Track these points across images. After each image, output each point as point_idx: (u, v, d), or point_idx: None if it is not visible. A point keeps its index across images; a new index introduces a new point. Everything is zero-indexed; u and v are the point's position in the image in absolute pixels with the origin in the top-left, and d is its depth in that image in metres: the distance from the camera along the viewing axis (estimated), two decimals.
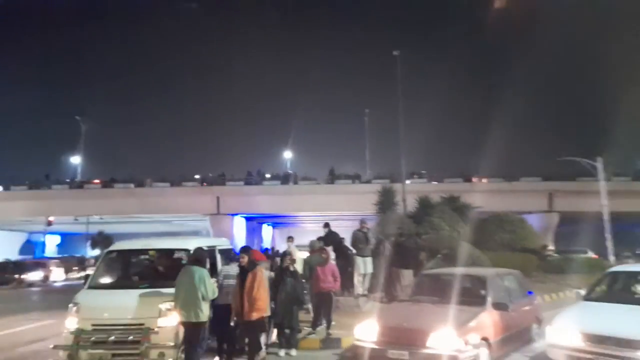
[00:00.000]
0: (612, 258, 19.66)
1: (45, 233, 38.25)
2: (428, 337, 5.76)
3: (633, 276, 7.43)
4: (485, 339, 6.10)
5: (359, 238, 10.98)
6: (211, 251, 7.68)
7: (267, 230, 49.23)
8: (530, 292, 8.38)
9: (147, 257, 8.04)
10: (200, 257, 6.72)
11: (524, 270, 17.03)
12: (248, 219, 40.47)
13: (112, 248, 7.86)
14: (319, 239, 10.29)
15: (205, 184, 37.92)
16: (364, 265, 10.86)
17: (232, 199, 35.92)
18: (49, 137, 71.73)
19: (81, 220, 38.49)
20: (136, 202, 35.71)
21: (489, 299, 6.64)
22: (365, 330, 6.32)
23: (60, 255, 38.34)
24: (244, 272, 6.78)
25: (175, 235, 28.62)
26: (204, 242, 8.18)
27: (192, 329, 6.32)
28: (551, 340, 6.19)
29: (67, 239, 50.01)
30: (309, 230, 34.47)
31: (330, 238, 10.70)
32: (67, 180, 38.96)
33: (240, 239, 34.95)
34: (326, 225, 11.20)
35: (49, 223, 34.14)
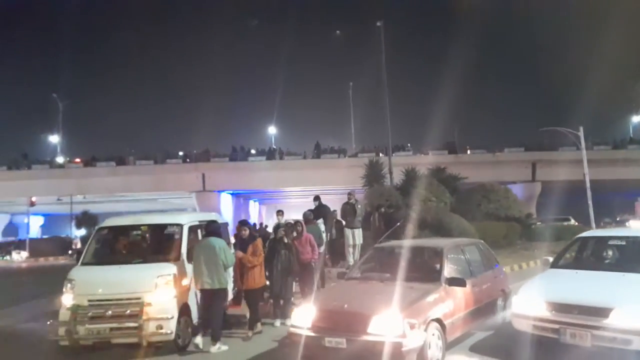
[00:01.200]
0: (593, 225, 20.19)
1: (28, 214, 37.68)
2: (369, 322, 5.01)
3: (602, 241, 7.10)
4: (437, 320, 5.40)
5: (347, 210, 11.10)
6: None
7: (254, 206, 49.29)
8: (496, 265, 7.61)
9: (138, 232, 8.00)
10: (216, 229, 7.03)
11: (508, 239, 17.62)
12: (234, 195, 40.43)
13: (103, 225, 7.79)
14: (310, 211, 10.35)
15: (189, 160, 37.60)
16: (352, 237, 10.99)
17: (217, 176, 35.74)
18: (26, 116, 69.87)
19: (65, 200, 37.99)
20: (120, 181, 35.32)
21: (444, 274, 5.92)
22: (302, 315, 5.50)
23: (45, 236, 37.95)
24: (244, 244, 7.01)
25: (163, 212, 28.50)
26: (196, 217, 8.21)
27: (214, 296, 6.65)
28: (516, 310, 5.87)
29: (51, 219, 49.46)
30: (296, 205, 34.63)
31: (321, 211, 10.77)
32: (48, 159, 38.24)
33: (227, 215, 34.94)
34: (316, 198, 11.26)
35: (32, 204, 33.60)
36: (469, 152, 35.76)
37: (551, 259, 6.91)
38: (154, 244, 7.77)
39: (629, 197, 45.37)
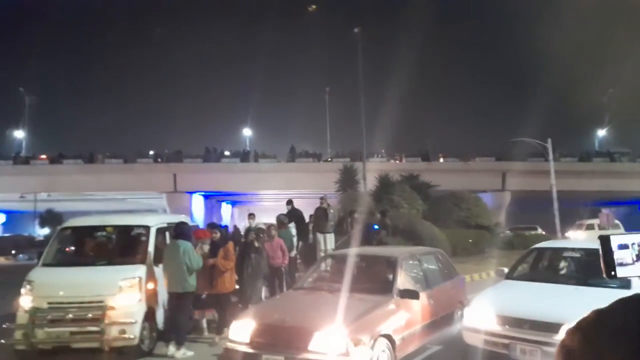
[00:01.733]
0: (559, 234, 20.75)
1: None
2: (310, 338, 4.63)
3: (557, 253, 6.90)
4: (386, 336, 5.02)
5: (319, 215, 11.06)
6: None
7: (226, 209, 48.74)
8: (456, 275, 7.35)
9: (104, 233, 7.76)
10: (184, 230, 6.85)
11: (477, 246, 17.94)
12: (206, 196, 39.86)
13: (66, 225, 7.54)
14: (284, 215, 10.27)
15: (160, 160, 36.89)
16: (324, 242, 10.95)
17: (189, 177, 35.15)
18: None
19: (28, 197, 36.69)
20: (87, 179, 34.32)
21: (396, 286, 5.54)
22: (240, 329, 5.07)
23: (7, 234, 36.55)
24: (215, 248, 6.91)
25: (131, 213, 27.84)
26: (164, 219, 8.04)
27: (178, 299, 6.58)
28: (467, 324, 5.61)
29: (13, 217, 47.70)
30: (270, 208, 34.39)
31: (294, 215, 10.69)
32: (12, 155, 36.91)
33: (199, 217, 34.41)
34: (289, 202, 11.19)
35: None
36: (441, 159, 36.27)
37: (506, 270, 6.66)
38: (120, 245, 7.56)
39: (595, 207, 46.88)
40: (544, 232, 26.36)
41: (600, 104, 45.67)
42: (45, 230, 35.14)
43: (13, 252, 30.42)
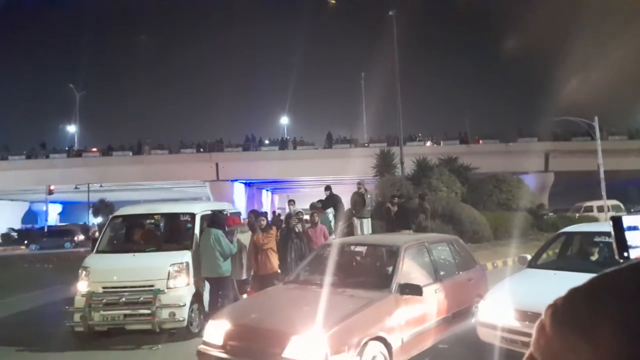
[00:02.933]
0: (606, 216, 19.98)
1: (46, 202, 38.51)
2: (286, 343, 4.03)
3: (588, 237, 6.18)
4: (380, 338, 4.35)
5: (356, 200, 11.19)
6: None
7: (266, 196, 49.60)
8: (474, 265, 6.57)
9: (152, 221, 8.21)
10: (216, 219, 7.26)
11: (520, 229, 17.58)
12: (247, 184, 40.70)
13: (117, 213, 8.02)
14: (320, 201, 10.48)
15: (202, 150, 37.92)
16: (360, 227, 11.09)
17: (231, 165, 35.99)
18: (44, 107, 70.87)
19: (82, 188, 38.69)
20: (135, 170, 35.80)
21: (396, 280, 4.84)
22: (215, 330, 4.51)
23: (63, 224, 38.73)
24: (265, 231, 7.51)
25: (177, 201, 28.94)
26: (208, 207, 8.40)
27: (215, 283, 7.03)
28: (482, 318, 5.06)
29: (68, 207, 50.40)
30: (308, 195, 34.78)
31: (332, 200, 10.88)
32: (66, 148, 38.92)
33: (240, 204, 35.27)
34: (327, 188, 11.36)
35: (50, 192, 34.29)
36: (481, 142, 35.43)
37: (529, 257, 6.05)
38: (168, 232, 7.99)
39: None
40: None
41: None
42: (98, 219, 36.97)
43: (25, 242, 32.37)
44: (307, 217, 9.75)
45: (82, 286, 6.77)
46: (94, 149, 38.79)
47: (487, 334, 4.99)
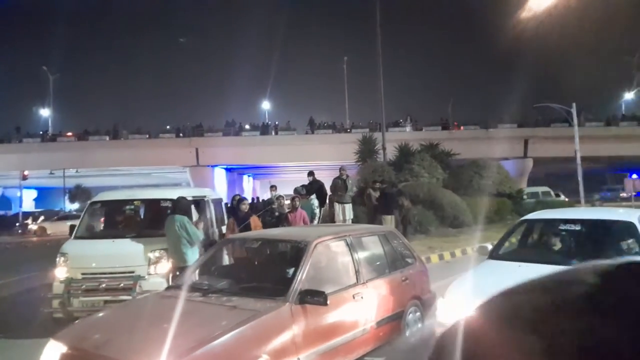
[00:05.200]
0: (582, 201, 20.48)
1: (20, 187, 37.55)
2: None
3: (552, 225, 5.69)
4: None
5: (338, 185, 11.19)
6: (201, 201, 7.79)
7: (247, 181, 49.35)
8: (411, 261, 5.70)
9: (132, 207, 8.05)
10: (180, 205, 6.84)
11: (499, 214, 17.86)
12: (228, 170, 40.40)
13: (96, 199, 7.84)
14: (303, 186, 10.44)
15: (182, 135, 37.39)
16: (342, 212, 11.11)
17: (211, 150, 35.61)
18: (15, 90, 68.74)
19: (57, 173, 37.85)
20: (113, 155, 35.14)
21: (295, 285, 3.90)
22: (52, 354, 3.62)
23: (39, 210, 37.90)
24: (245, 218, 7.15)
25: (158, 187, 28.54)
26: (189, 192, 8.26)
27: (183, 272, 6.61)
28: (442, 318, 4.55)
29: (43, 193, 49.33)
30: (291, 180, 34.72)
31: (315, 186, 10.85)
32: (40, 133, 37.91)
33: (221, 190, 35.00)
34: (310, 173, 11.32)
35: (24, 177, 33.35)
36: (462, 128, 35.78)
37: (490, 246, 5.60)
38: (148, 218, 7.85)
39: (620, 173, 45.87)
40: (566, 199, 26.02)
41: (627, 66, 44.06)
42: (75, 205, 36.27)
43: None
44: (288, 201, 9.73)
45: (61, 272, 6.63)
46: (69, 134, 37.89)
47: None
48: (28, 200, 46.73)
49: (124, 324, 3.93)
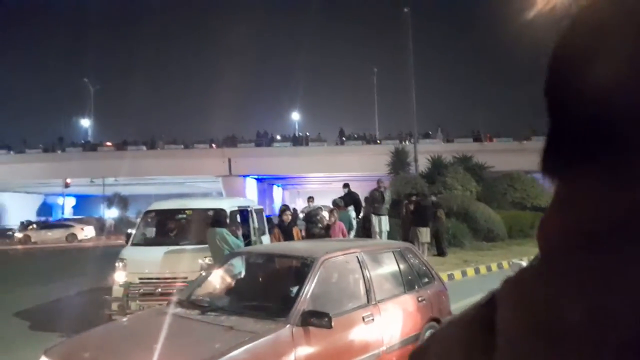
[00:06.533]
0: None
1: (61, 195, 39.24)
2: None
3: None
4: None
5: (376, 197, 11.43)
6: (244, 211, 8.19)
7: (277, 191, 49.97)
8: (429, 280, 5.33)
9: (184, 216, 8.51)
10: (219, 217, 7.12)
11: (534, 228, 17.64)
12: (259, 180, 41.08)
13: (150, 208, 8.35)
14: (341, 198, 10.73)
15: (215, 145, 38.35)
16: (379, 224, 11.33)
17: (243, 161, 36.37)
18: (59, 101, 71.81)
19: (97, 182, 39.30)
20: (149, 164, 36.30)
21: (297, 306, 3.60)
22: None
23: (78, 217, 39.39)
24: (289, 227, 7.44)
25: (208, 198, 29.42)
26: (236, 202, 8.70)
27: None
28: None
29: (82, 200, 51.13)
30: (319, 191, 35.09)
31: (351, 198, 11.13)
32: (81, 142, 39.55)
33: (252, 199, 35.62)
34: (346, 185, 11.61)
35: (67, 185, 34.92)
36: (494, 140, 35.46)
37: (524, 264, 5.32)
38: (198, 227, 8.28)
39: None
40: None
41: None
42: (114, 212, 37.51)
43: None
44: (325, 213, 10.02)
45: (120, 276, 7.10)
46: (109, 143, 39.39)
47: None
48: (67, 207, 48.59)
49: (114, 343, 3.77)
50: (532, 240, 15.35)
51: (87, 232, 30.07)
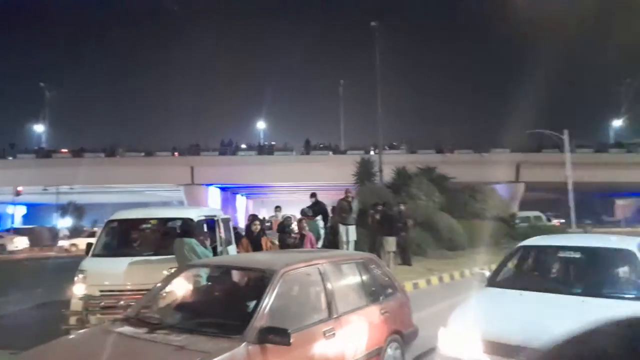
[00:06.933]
0: (574, 225, 20.96)
1: (11, 204, 37.35)
2: None
3: (551, 252, 5.50)
4: None
5: (344, 207, 11.46)
6: (211, 221, 8.00)
7: (241, 201, 49.43)
8: (392, 291, 5.20)
9: (148, 226, 8.23)
10: (188, 227, 6.92)
11: (494, 238, 18.21)
12: (223, 189, 40.54)
13: (113, 217, 8.01)
14: (309, 207, 10.70)
15: (177, 153, 37.63)
16: (346, 233, 11.36)
17: (206, 169, 35.84)
18: (13, 107, 68.67)
19: (50, 190, 37.70)
20: (108, 172, 35.19)
21: (254, 323, 3.36)
22: None
23: (29, 226, 37.57)
24: (258, 237, 7.28)
25: (173, 207, 28.67)
26: (202, 212, 8.48)
27: None
28: (443, 350, 4.17)
29: (33, 209, 48.86)
30: (283, 201, 34.95)
31: (319, 207, 11.12)
32: (35, 148, 37.92)
33: (218, 209, 35.09)
34: (313, 195, 11.60)
35: (18, 193, 33.22)
36: (455, 152, 36.46)
37: (487, 273, 5.44)
38: (163, 237, 8.02)
39: (608, 198, 46.82)
40: (558, 224, 26.51)
41: (616, 94, 45.46)
42: (67, 222, 36.04)
43: None
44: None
45: (79, 289, 6.76)
46: (65, 150, 37.94)
47: None
48: (17, 217, 46.28)
49: None
50: (491, 248, 15.79)
51: (17, 244, 28.65)
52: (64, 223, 39.57)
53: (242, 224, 24.29)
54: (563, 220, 26.61)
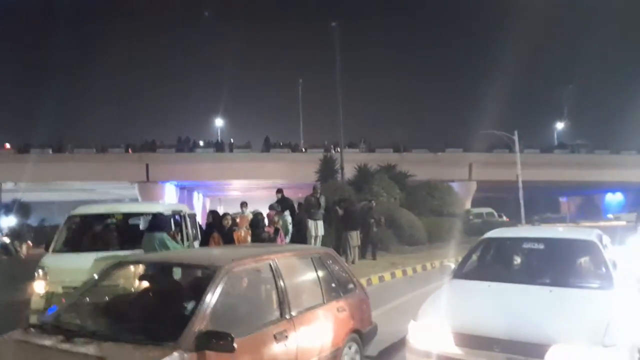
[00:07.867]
0: (523, 222, 22.00)
1: None
2: None
3: (515, 244, 5.57)
4: None
5: (312, 202, 11.62)
6: (178, 216, 7.88)
7: (198, 198, 48.51)
8: (351, 287, 4.87)
9: (113, 221, 7.97)
10: (159, 221, 6.79)
11: (450, 233, 18.83)
12: (179, 186, 39.65)
13: (74, 212, 7.71)
14: (277, 203, 10.72)
15: (132, 150, 36.46)
16: (315, 228, 11.50)
17: (162, 167, 34.95)
18: None
19: None
20: (56, 169, 33.61)
21: (192, 327, 2.92)
22: None
23: None
24: (229, 233, 7.25)
25: (138, 202, 27.67)
26: (169, 207, 8.31)
27: None
28: (413, 343, 4.09)
29: None
30: (241, 198, 34.56)
31: (285, 203, 11.15)
32: None
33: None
34: (279, 191, 11.60)
35: None
36: (412, 151, 37.38)
37: (453, 265, 5.48)
38: (127, 232, 7.81)
39: (553, 196, 49.53)
40: (507, 220, 27.73)
41: (559, 99, 48.21)
42: (11, 220, 34.12)
43: None
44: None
45: (40, 286, 6.49)
46: (7, 145, 35.95)
47: None
48: None
49: None
50: (448, 243, 16.35)
51: None
52: (7, 222, 37.41)
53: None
54: (509, 219, 27.88)
